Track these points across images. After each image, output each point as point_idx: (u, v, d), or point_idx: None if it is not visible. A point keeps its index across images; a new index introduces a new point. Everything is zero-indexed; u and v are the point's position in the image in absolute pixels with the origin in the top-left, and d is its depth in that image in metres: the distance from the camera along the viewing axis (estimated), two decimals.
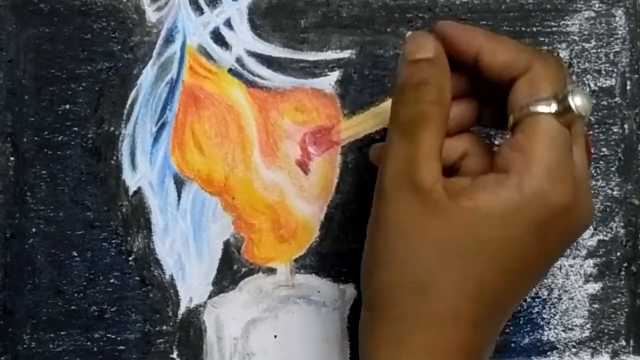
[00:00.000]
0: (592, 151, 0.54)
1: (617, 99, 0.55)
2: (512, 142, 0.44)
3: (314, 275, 0.54)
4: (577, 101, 0.43)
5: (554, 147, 0.43)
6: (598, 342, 0.55)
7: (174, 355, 0.54)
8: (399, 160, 0.44)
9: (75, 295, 0.54)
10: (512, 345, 0.54)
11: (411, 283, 0.43)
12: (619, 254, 0.55)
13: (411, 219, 0.43)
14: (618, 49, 0.55)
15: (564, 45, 0.55)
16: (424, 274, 0.43)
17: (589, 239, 0.55)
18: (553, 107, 0.43)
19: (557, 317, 0.55)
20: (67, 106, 0.54)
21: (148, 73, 0.54)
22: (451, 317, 0.43)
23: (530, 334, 0.55)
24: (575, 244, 0.55)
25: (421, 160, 0.43)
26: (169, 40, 0.55)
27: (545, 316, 0.55)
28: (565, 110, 0.43)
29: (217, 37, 0.55)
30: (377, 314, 0.44)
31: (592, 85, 0.55)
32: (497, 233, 0.43)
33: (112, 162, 0.54)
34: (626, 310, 0.55)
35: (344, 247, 0.54)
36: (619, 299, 0.55)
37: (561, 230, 0.44)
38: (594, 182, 0.55)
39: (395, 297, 0.43)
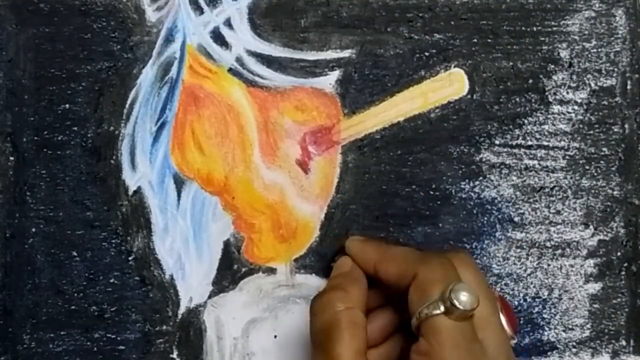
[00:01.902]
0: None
1: (617, 98, 0.55)
2: (417, 347, 0.46)
3: (314, 275, 0.54)
4: (461, 298, 0.45)
5: (454, 346, 0.45)
6: (598, 342, 0.55)
7: (174, 355, 0.54)
8: None
9: (75, 295, 0.54)
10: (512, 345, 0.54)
11: None
12: (619, 254, 0.55)
13: None
14: (618, 49, 0.55)
15: (564, 44, 0.55)
16: None
17: (589, 239, 0.55)
18: (442, 308, 0.45)
19: (557, 317, 0.55)
20: (67, 106, 0.54)
21: (148, 73, 0.54)
22: None
23: (531, 334, 0.55)
24: (575, 244, 0.55)
25: None
26: (169, 39, 0.55)
27: (545, 316, 0.55)
28: (453, 307, 0.45)
29: (217, 37, 0.55)
30: None
31: (592, 84, 0.55)
32: None
33: (112, 161, 0.54)
34: (626, 310, 0.55)
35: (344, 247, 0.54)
36: (619, 299, 0.55)
37: None
38: (594, 182, 0.55)
39: None
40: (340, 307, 0.48)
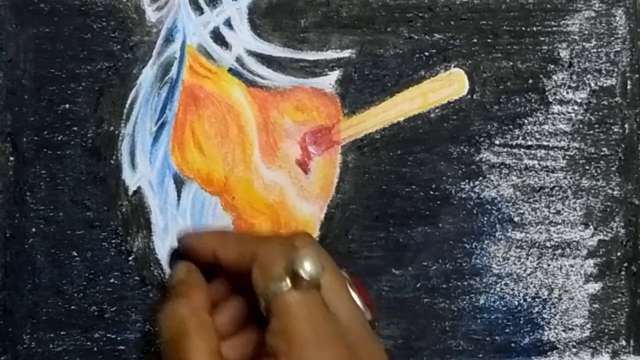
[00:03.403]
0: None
1: (617, 98, 0.55)
2: (270, 329, 0.45)
3: None
4: (305, 268, 0.44)
5: (307, 318, 0.44)
6: (598, 342, 0.55)
7: None
8: None
9: (75, 295, 0.54)
10: (512, 345, 0.55)
11: None
12: (619, 254, 0.55)
13: None
14: (618, 49, 0.55)
15: (564, 44, 0.55)
16: None
17: (589, 239, 0.55)
18: (287, 282, 0.44)
19: (557, 317, 0.55)
20: (67, 106, 0.54)
21: (148, 73, 0.54)
22: None
23: (530, 334, 0.55)
24: (575, 244, 0.55)
25: None
26: (168, 39, 0.55)
27: (545, 316, 0.55)
28: (299, 280, 0.44)
29: (217, 37, 0.55)
30: None
31: (592, 84, 0.55)
32: None
33: (112, 161, 0.54)
34: (626, 310, 0.55)
35: (344, 247, 0.54)
36: (619, 299, 0.55)
37: None
38: (594, 182, 0.55)
39: None
40: (184, 314, 0.47)
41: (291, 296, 0.45)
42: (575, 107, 0.55)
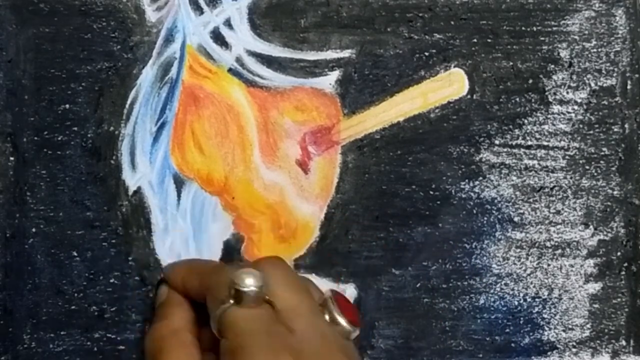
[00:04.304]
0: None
1: (617, 98, 0.55)
2: (220, 350, 0.45)
3: (314, 275, 0.54)
4: (245, 282, 0.45)
5: (250, 332, 0.44)
6: (598, 342, 0.55)
7: None
8: None
9: (75, 295, 0.54)
10: (512, 345, 0.55)
11: None
12: (619, 253, 0.55)
13: None
14: (618, 49, 0.55)
15: (564, 44, 0.55)
16: None
17: (589, 238, 0.55)
18: (231, 301, 0.45)
19: (557, 317, 0.55)
20: (67, 106, 0.54)
21: (148, 73, 0.54)
22: None
23: (530, 334, 0.55)
24: (575, 244, 0.55)
25: None
26: (168, 40, 0.55)
27: (545, 316, 0.55)
28: (240, 293, 0.45)
29: (217, 37, 0.55)
30: None
31: (592, 84, 0.55)
32: None
33: (112, 162, 0.54)
34: (626, 310, 0.55)
35: (344, 247, 0.54)
36: (619, 299, 0.55)
37: None
38: (594, 182, 0.55)
39: None
40: (163, 334, 0.48)
41: (233, 312, 0.45)
42: (575, 107, 0.55)
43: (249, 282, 0.45)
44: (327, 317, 0.47)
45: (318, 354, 0.44)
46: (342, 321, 0.47)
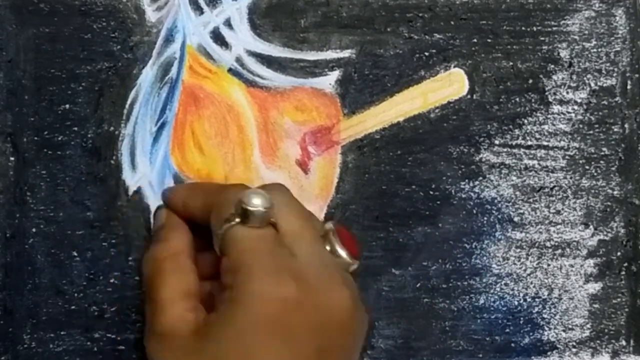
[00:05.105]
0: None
1: (617, 98, 0.55)
2: (221, 267, 0.45)
3: None
4: (253, 202, 0.45)
5: (254, 251, 0.44)
6: (598, 342, 0.55)
7: None
8: (148, 316, 0.47)
9: (75, 295, 0.54)
10: (512, 345, 0.55)
11: None
12: (619, 253, 0.55)
13: None
14: (618, 49, 0.55)
15: (564, 44, 0.55)
16: None
17: (589, 238, 0.55)
18: (237, 219, 0.45)
19: (557, 317, 0.55)
20: (67, 106, 0.54)
21: (148, 73, 0.54)
22: None
23: (530, 334, 0.55)
24: (575, 244, 0.55)
25: (159, 310, 0.46)
26: (168, 40, 0.55)
27: (545, 316, 0.55)
28: (248, 216, 0.44)
29: (217, 37, 0.55)
30: None
31: (592, 84, 0.55)
32: (241, 349, 0.43)
33: (112, 162, 0.54)
34: (626, 310, 0.55)
35: None
36: (619, 299, 0.55)
37: (307, 327, 0.44)
38: (594, 182, 0.55)
39: None
40: (161, 256, 0.48)
41: (240, 231, 0.45)
42: (575, 107, 0.55)
43: (257, 202, 0.45)
44: (328, 248, 0.47)
45: (319, 280, 0.45)
46: (343, 253, 0.48)
